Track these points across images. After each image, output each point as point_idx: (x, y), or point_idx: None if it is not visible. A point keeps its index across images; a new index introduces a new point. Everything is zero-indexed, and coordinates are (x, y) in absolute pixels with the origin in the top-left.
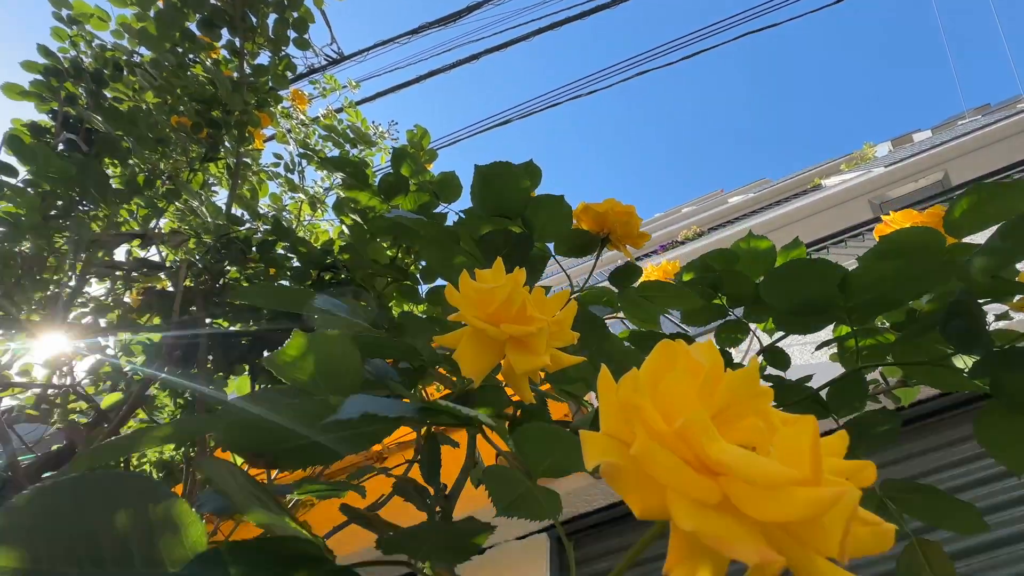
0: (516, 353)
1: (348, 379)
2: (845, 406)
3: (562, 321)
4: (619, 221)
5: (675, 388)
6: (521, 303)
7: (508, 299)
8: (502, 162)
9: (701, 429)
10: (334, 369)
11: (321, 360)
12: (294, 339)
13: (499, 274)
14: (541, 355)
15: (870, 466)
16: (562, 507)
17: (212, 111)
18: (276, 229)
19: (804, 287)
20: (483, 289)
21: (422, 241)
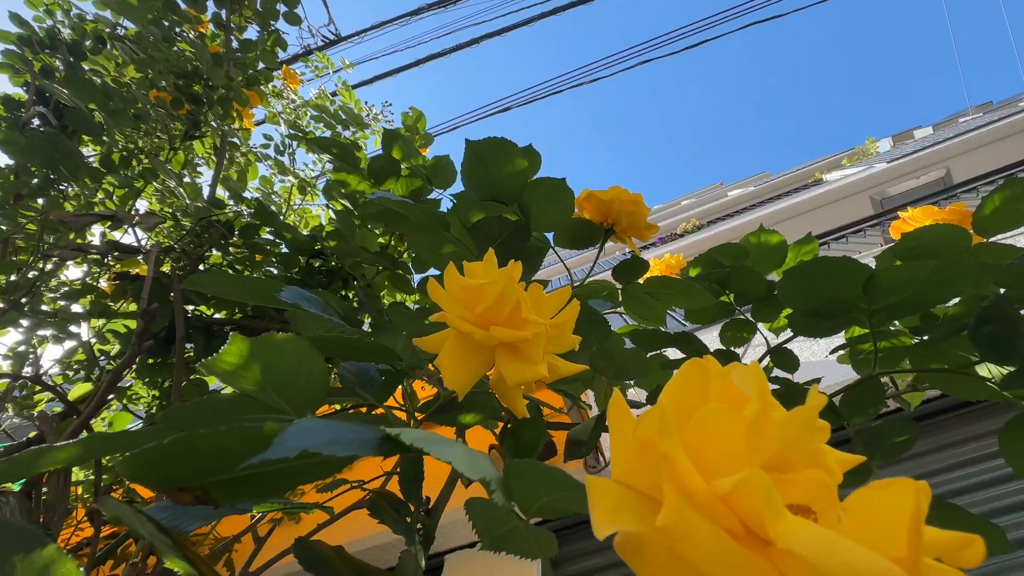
0: (508, 361)
1: (307, 387)
2: (860, 413)
3: (562, 324)
4: (625, 211)
5: (713, 428)
6: (515, 303)
7: (500, 298)
8: (498, 138)
9: (762, 497)
10: (287, 377)
11: (270, 368)
12: (233, 344)
13: (491, 268)
14: (537, 364)
15: (977, 541)
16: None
17: (193, 86)
18: (259, 213)
19: (825, 287)
20: (471, 285)
21: (409, 227)
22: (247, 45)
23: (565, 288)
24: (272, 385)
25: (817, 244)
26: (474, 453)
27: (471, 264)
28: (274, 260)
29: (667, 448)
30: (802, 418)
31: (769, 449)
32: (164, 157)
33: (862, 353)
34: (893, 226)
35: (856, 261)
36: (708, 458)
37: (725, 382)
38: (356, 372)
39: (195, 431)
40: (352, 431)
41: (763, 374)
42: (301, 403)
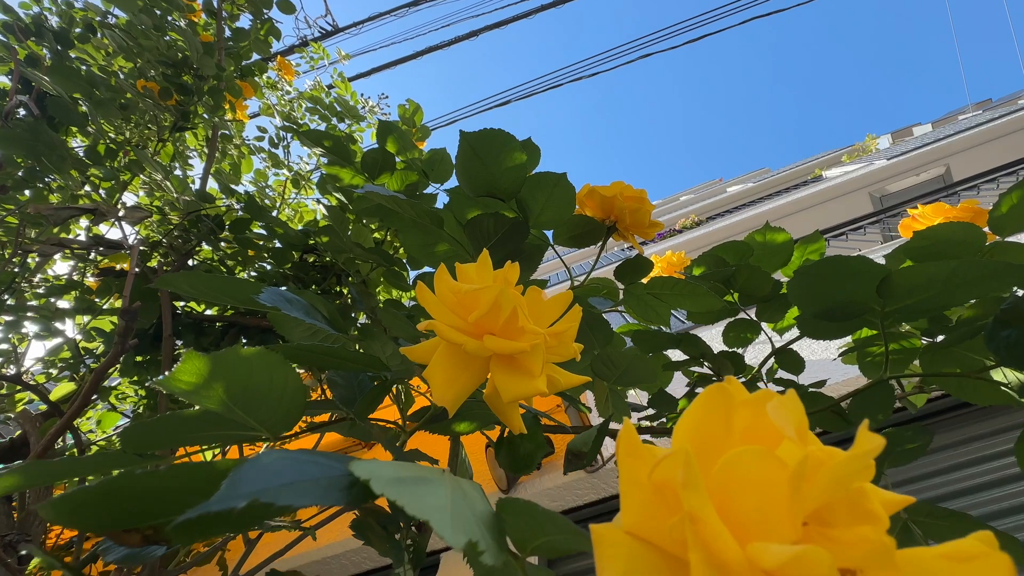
0: (503, 374)
1: (280, 405)
2: (868, 418)
3: (563, 332)
4: (628, 208)
5: (745, 475)
6: (511, 311)
7: (495, 305)
8: (494, 130)
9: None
10: (257, 395)
11: (235, 386)
12: (188, 362)
13: (485, 270)
14: (535, 377)
15: None
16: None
17: (182, 75)
18: (249, 207)
19: (838, 288)
20: (464, 291)
21: (401, 224)
22: (239, 34)
23: (566, 293)
24: (239, 404)
25: (824, 242)
26: (461, 495)
27: (464, 266)
28: (266, 255)
29: (694, 505)
30: (854, 466)
31: (813, 502)
32: (153, 149)
33: (871, 355)
34: (903, 224)
35: (871, 260)
36: (739, 512)
37: (752, 412)
38: (345, 379)
39: (132, 471)
40: (319, 467)
41: (801, 405)
42: (274, 422)
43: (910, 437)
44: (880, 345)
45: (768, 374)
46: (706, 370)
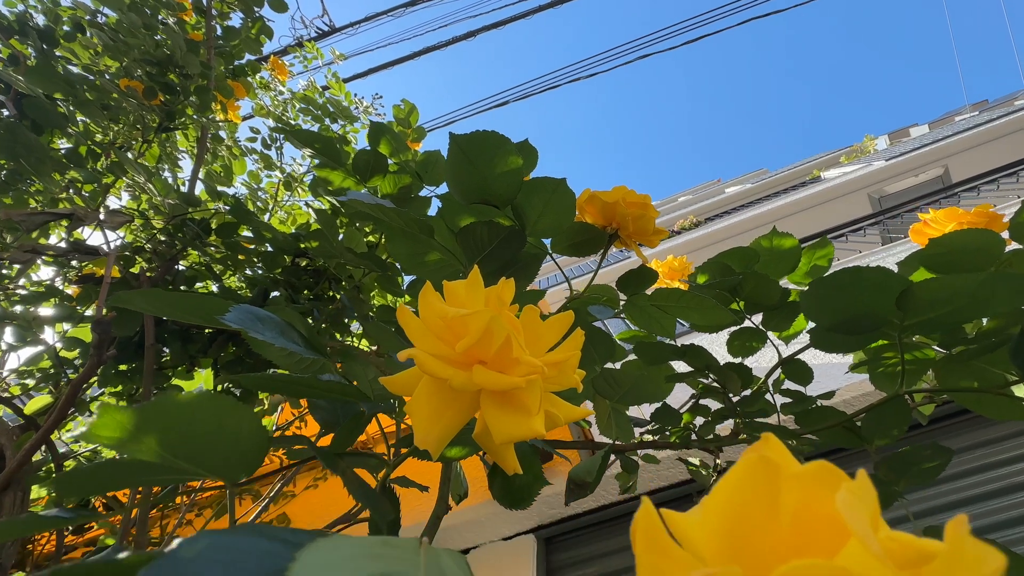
0: (495, 411)
1: (234, 451)
2: (883, 435)
3: (563, 361)
4: (631, 214)
5: None
6: (505, 339)
7: (486, 333)
8: (487, 132)
9: None
10: (202, 443)
11: (173, 436)
12: (105, 415)
13: (475, 290)
14: (531, 415)
15: None
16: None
17: (167, 74)
18: (236, 211)
19: (856, 300)
20: (451, 316)
21: (388, 232)
22: (230, 33)
23: (567, 314)
24: (180, 455)
25: (832, 248)
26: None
27: (452, 284)
28: (255, 260)
29: None
30: None
31: None
32: (137, 150)
33: (883, 366)
34: (913, 229)
35: (890, 271)
36: None
37: (805, 490)
38: (328, 401)
39: None
40: (259, 559)
41: (875, 493)
42: (229, 468)
43: (929, 456)
44: (894, 356)
45: (775, 385)
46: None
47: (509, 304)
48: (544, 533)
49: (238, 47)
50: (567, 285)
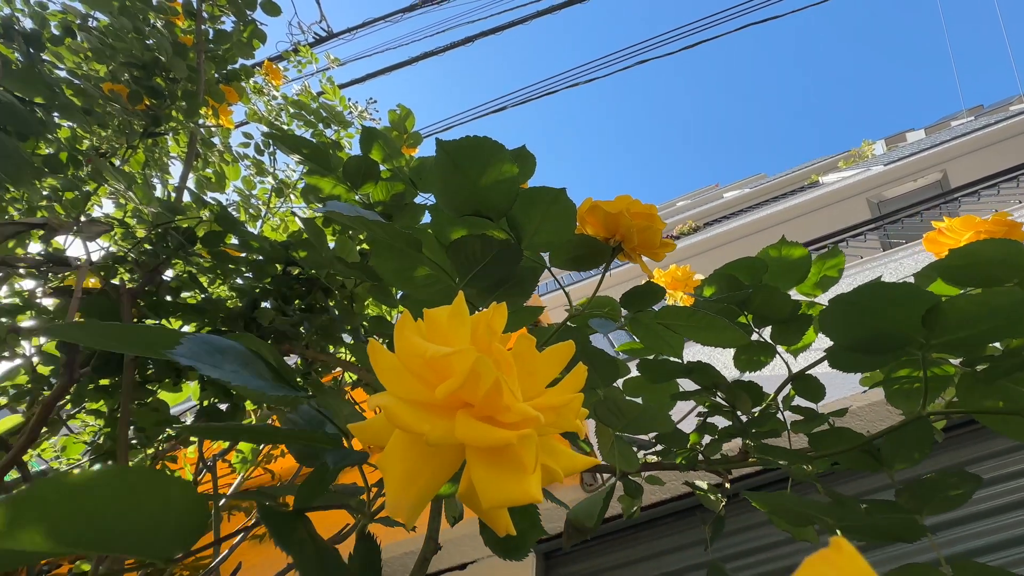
0: (483, 469)
1: (161, 528)
2: (904, 458)
3: (562, 405)
4: (636, 226)
5: None
6: (494, 383)
7: (472, 375)
8: (479, 138)
9: None
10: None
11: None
12: None
13: (459, 318)
14: (526, 474)
15: None
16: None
17: (153, 78)
18: (221, 219)
19: (877, 318)
20: (429, 355)
21: (373, 245)
22: (221, 36)
23: (566, 345)
24: (84, 541)
25: (844, 258)
26: None
27: (434, 313)
28: (243, 269)
29: None
30: None
31: None
32: (121, 156)
33: (899, 383)
34: (928, 237)
35: (918, 287)
36: None
37: None
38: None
39: None
40: None
41: None
42: (154, 547)
43: (955, 483)
44: (913, 373)
45: (784, 401)
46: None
47: (501, 332)
48: (543, 547)
49: (230, 51)
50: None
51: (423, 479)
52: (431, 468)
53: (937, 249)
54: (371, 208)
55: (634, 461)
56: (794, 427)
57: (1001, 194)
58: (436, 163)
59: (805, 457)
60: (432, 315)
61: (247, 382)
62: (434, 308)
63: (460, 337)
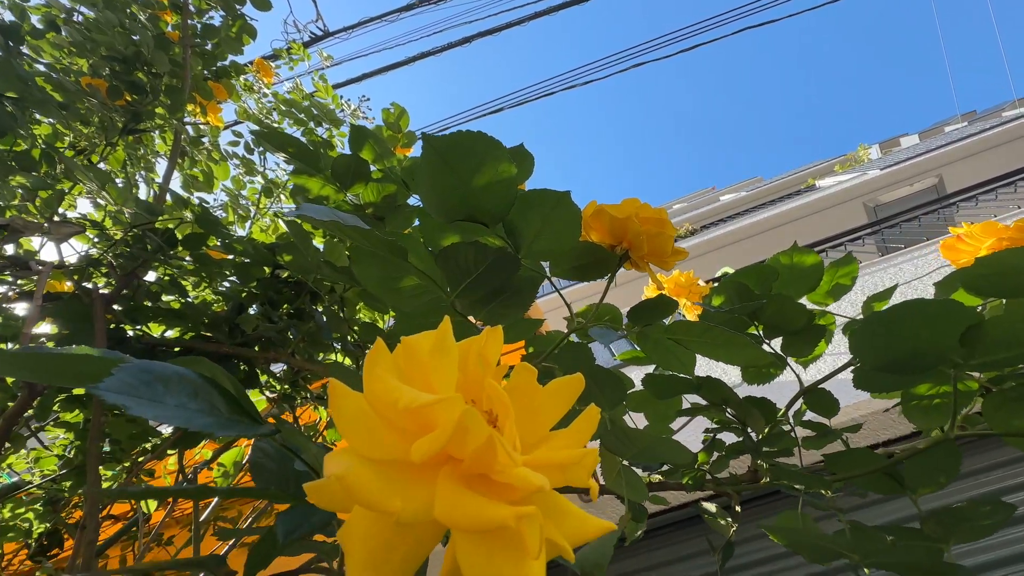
0: (474, 550)
1: None
2: (928, 481)
3: (570, 463)
4: (646, 232)
5: None
6: (487, 442)
7: (459, 429)
8: (471, 133)
9: None
10: None
11: None
12: None
13: (444, 347)
14: (526, 558)
15: None
16: None
17: (134, 72)
18: (202, 220)
19: (912, 336)
20: (403, 404)
21: (353, 252)
22: (209, 31)
23: (574, 379)
24: None
25: (857, 266)
26: None
27: (413, 341)
28: (228, 272)
29: None
30: None
31: None
32: (100, 153)
33: (918, 399)
34: (945, 244)
35: (959, 304)
36: None
37: None
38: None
39: None
40: None
41: None
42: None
43: (987, 512)
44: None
45: (795, 416)
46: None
47: (496, 363)
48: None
49: (220, 48)
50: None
51: (395, 561)
52: (405, 546)
53: (954, 256)
54: (362, 210)
55: (643, 491)
56: (805, 443)
57: (999, 199)
58: (423, 162)
59: (822, 481)
60: (411, 344)
61: (190, 420)
62: (413, 335)
63: (444, 374)
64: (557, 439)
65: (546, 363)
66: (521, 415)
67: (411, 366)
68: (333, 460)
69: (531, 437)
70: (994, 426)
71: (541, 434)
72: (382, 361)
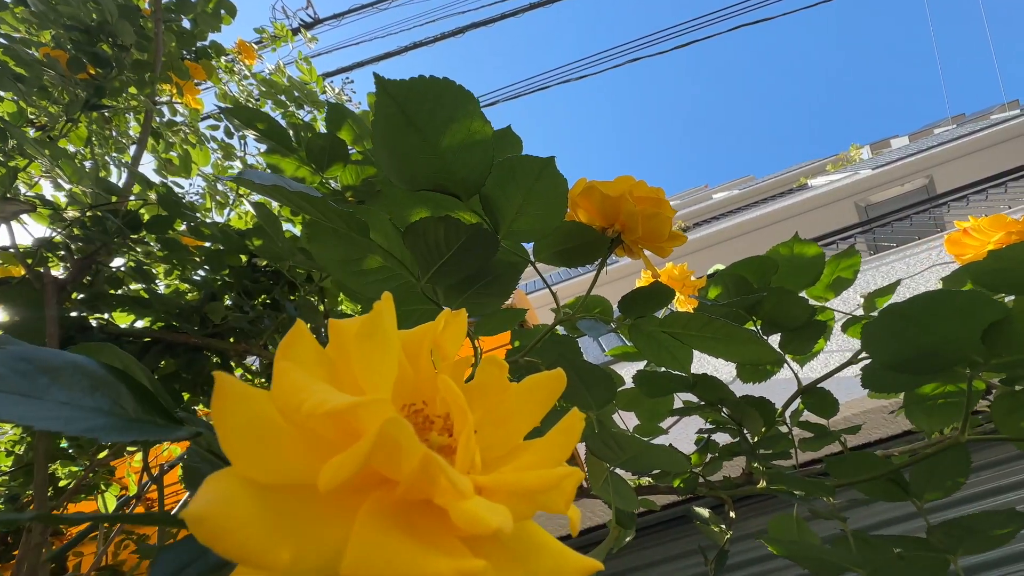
0: None
1: None
2: (935, 487)
3: (543, 488)
4: (641, 213)
5: None
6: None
7: (381, 444)
8: (435, 80)
9: None
10: None
11: None
12: None
13: (379, 338)
14: None
15: None
16: None
17: (98, 43)
18: (165, 202)
19: (931, 332)
20: (307, 408)
21: (310, 229)
22: (183, 5)
23: (554, 375)
24: None
25: (860, 258)
26: None
27: (342, 324)
28: (199, 259)
29: None
30: None
31: None
32: (60, 130)
33: (923, 399)
34: (950, 238)
35: (985, 296)
36: None
37: None
38: None
39: None
40: None
41: None
42: None
43: (1001, 521)
44: (938, 386)
45: (793, 417)
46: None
47: (456, 354)
48: None
49: (198, 26)
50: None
51: None
52: None
53: (959, 250)
54: (340, 194)
55: (632, 500)
56: (802, 445)
57: (989, 199)
58: (378, 114)
59: (824, 487)
60: (339, 328)
61: (71, 423)
62: (343, 319)
63: (377, 368)
64: (530, 452)
65: (529, 358)
66: (487, 421)
67: (341, 357)
68: (211, 484)
69: (498, 448)
70: (1005, 430)
71: (511, 444)
72: (299, 350)
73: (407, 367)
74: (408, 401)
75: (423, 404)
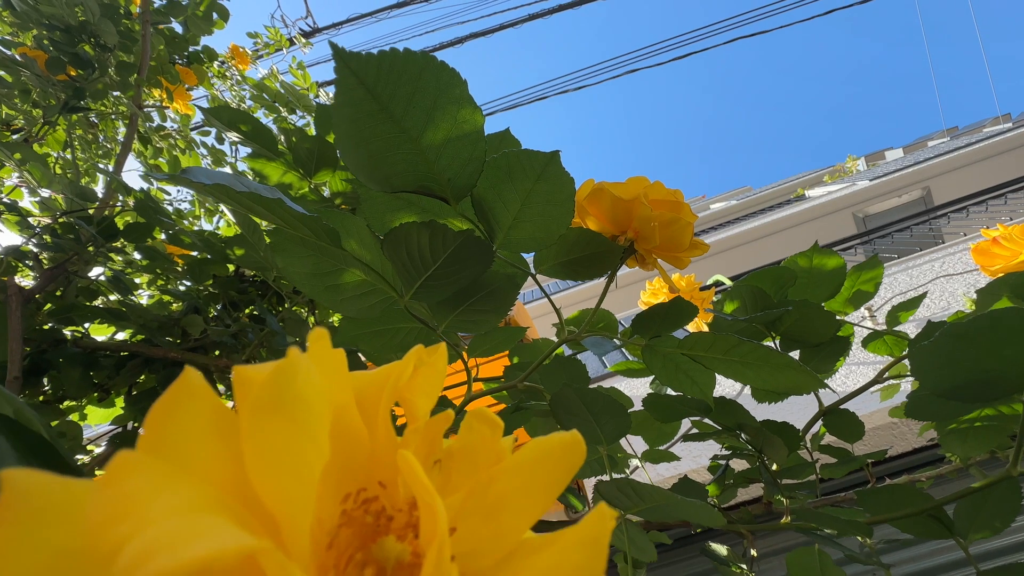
0: None
1: None
2: (982, 526)
3: None
4: (658, 219)
5: None
6: None
7: None
8: (410, 53)
9: None
10: None
11: None
12: None
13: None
14: None
15: None
16: None
17: (78, 43)
18: (141, 208)
19: (989, 356)
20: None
21: (275, 237)
22: (174, 7)
23: (570, 436)
24: None
25: (882, 270)
26: None
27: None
28: (181, 270)
29: None
30: None
31: None
32: (37, 132)
33: (957, 423)
34: (977, 248)
35: None
36: None
37: None
38: None
39: None
40: None
41: None
42: None
43: None
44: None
45: (813, 441)
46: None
47: (429, 409)
48: None
49: (190, 31)
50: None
51: None
52: None
53: (988, 261)
54: (329, 201)
55: (650, 551)
56: (824, 471)
57: (989, 211)
58: (340, 98)
59: (860, 526)
60: (245, 380)
61: None
62: (248, 367)
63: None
64: (538, 559)
65: (530, 382)
66: (471, 510)
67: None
68: None
69: (486, 554)
70: None
71: (506, 546)
72: (181, 420)
73: (360, 430)
74: (357, 486)
75: (380, 488)
